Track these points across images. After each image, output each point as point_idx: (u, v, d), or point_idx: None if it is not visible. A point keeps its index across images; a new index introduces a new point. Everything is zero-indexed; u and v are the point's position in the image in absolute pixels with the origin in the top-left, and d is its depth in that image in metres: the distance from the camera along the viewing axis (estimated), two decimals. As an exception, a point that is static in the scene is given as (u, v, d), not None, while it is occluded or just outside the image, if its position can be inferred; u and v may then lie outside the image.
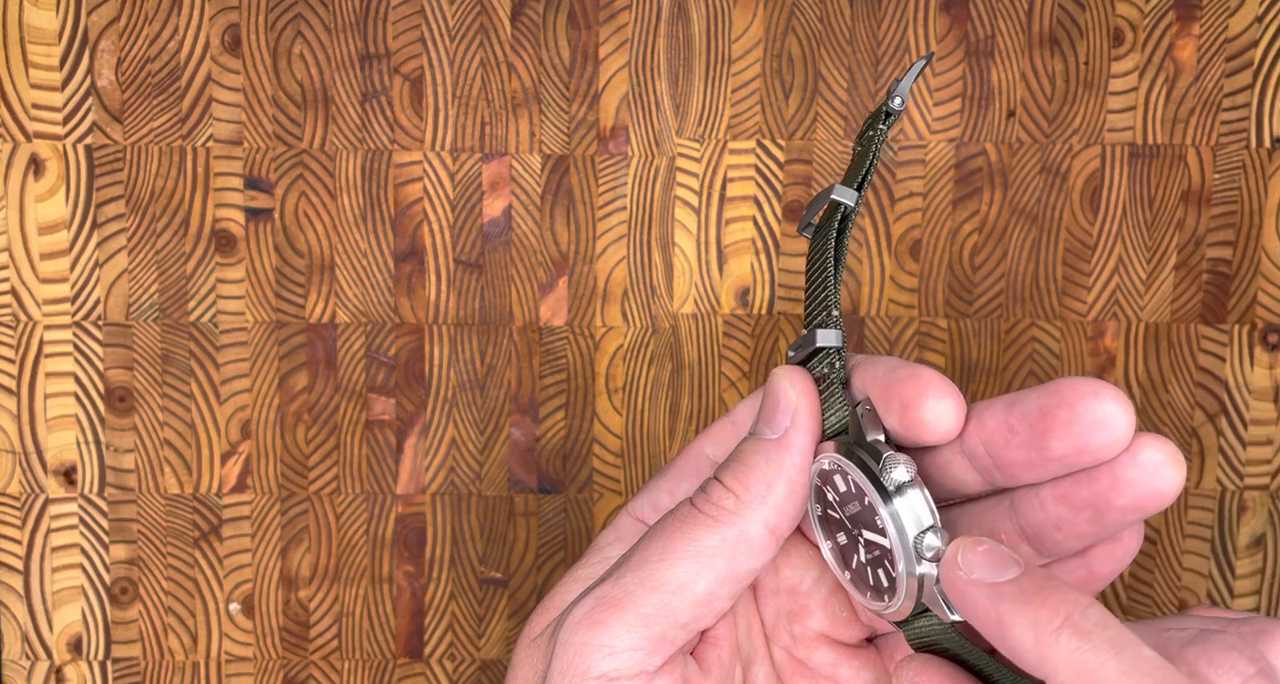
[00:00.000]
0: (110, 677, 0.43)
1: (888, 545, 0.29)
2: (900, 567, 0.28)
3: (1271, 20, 0.41)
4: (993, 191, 0.42)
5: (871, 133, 0.30)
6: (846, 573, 0.31)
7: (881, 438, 0.29)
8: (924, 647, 0.30)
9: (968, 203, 0.42)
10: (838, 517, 0.31)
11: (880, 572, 0.30)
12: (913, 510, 0.28)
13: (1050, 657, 0.26)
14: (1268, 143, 0.42)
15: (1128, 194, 0.42)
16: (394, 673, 0.44)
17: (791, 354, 0.30)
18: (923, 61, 0.30)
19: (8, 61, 0.40)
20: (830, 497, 0.30)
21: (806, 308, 0.30)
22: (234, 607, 0.43)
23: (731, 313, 0.42)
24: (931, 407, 0.27)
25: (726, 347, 0.42)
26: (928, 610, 0.29)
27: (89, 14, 0.40)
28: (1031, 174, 0.42)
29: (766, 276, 0.42)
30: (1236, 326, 0.43)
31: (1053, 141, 0.42)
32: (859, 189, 0.30)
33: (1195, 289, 0.43)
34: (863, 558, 0.30)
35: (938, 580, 0.28)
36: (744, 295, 0.42)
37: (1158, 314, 0.43)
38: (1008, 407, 0.27)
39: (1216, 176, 0.42)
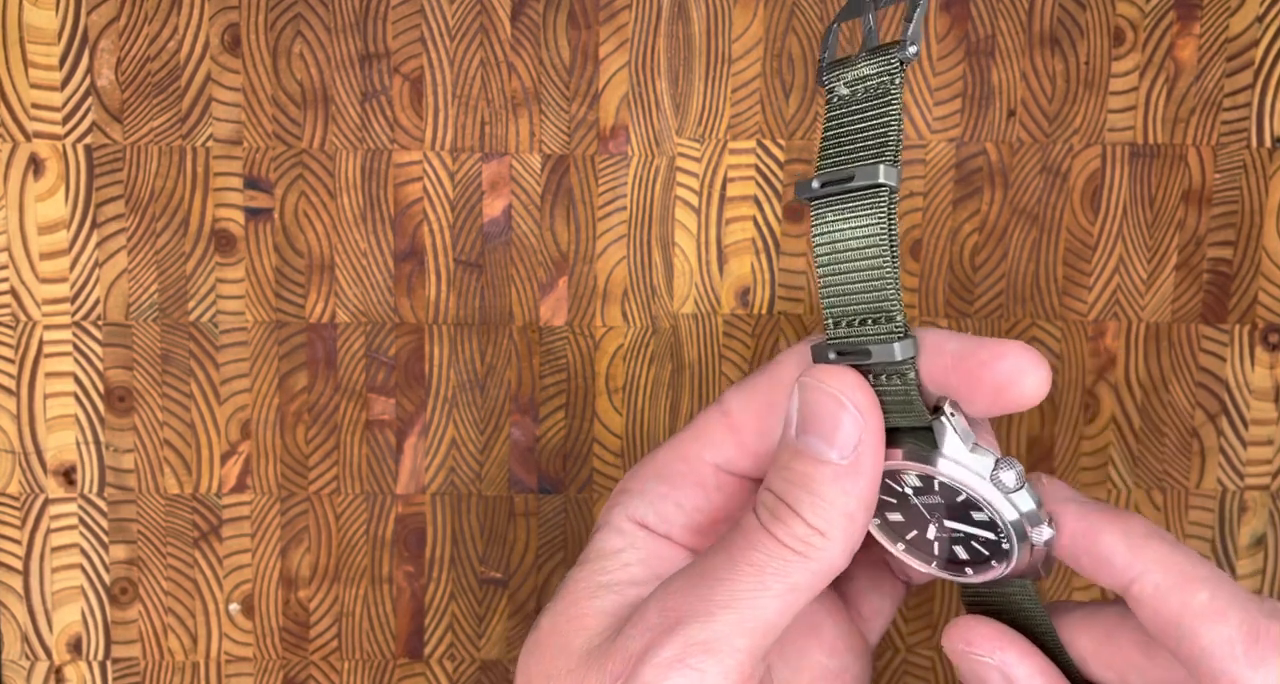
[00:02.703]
0: (110, 677, 0.43)
1: (994, 537, 0.29)
2: (1015, 556, 0.29)
3: (1272, 20, 0.41)
4: (993, 191, 0.42)
5: (891, 90, 0.27)
6: (900, 544, 0.31)
7: (972, 443, 0.28)
8: (976, 603, 0.31)
9: (968, 203, 0.42)
10: (903, 517, 0.30)
11: (963, 549, 0.30)
12: (1022, 507, 0.28)
13: (1141, 557, 0.27)
14: (1268, 142, 0.42)
15: (1128, 194, 0.42)
16: (394, 673, 0.44)
17: (833, 356, 0.28)
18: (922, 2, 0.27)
19: (7, 61, 0.40)
20: (895, 487, 0.30)
21: (835, 308, 0.28)
22: (234, 607, 0.43)
23: (732, 313, 0.42)
24: (1030, 383, 0.27)
25: (727, 346, 0.42)
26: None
27: (89, 14, 0.40)
28: (1032, 174, 0.42)
29: (767, 276, 0.42)
30: (1237, 326, 0.43)
31: (1053, 141, 0.42)
32: (895, 162, 0.27)
33: (1196, 289, 0.43)
34: (934, 534, 0.30)
35: (1045, 557, 0.29)
36: (744, 295, 0.42)
37: (1158, 314, 0.43)
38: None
39: (1217, 176, 0.42)
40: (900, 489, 0.29)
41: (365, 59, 0.41)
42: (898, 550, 0.31)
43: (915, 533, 0.30)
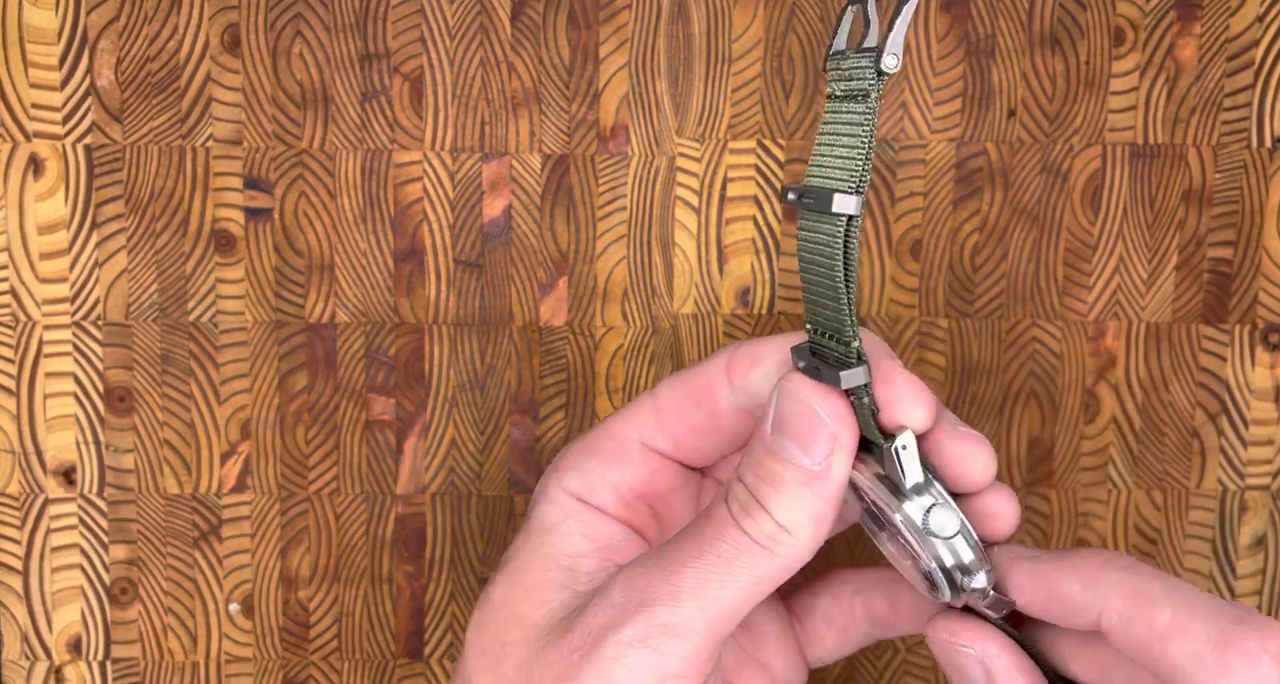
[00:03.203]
0: (110, 677, 0.43)
1: (934, 569, 0.29)
2: (946, 594, 0.29)
3: (1272, 20, 0.41)
4: (993, 191, 0.42)
5: (865, 111, 0.26)
6: (884, 533, 0.31)
7: (921, 479, 0.29)
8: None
9: (968, 202, 0.42)
10: (875, 514, 0.31)
11: (920, 574, 0.30)
12: (956, 552, 0.29)
13: (1099, 592, 0.28)
14: (1269, 142, 0.42)
15: (1128, 194, 0.42)
16: (394, 673, 0.44)
17: (801, 365, 0.29)
18: (912, 1, 0.26)
19: (7, 61, 0.40)
20: (865, 500, 0.30)
21: (809, 314, 0.29)
22: (234, 607, 0.43)
23: (732, 313, 0.42)
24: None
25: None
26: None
27: (88, 13, 0.40)
28: (1032, 174, 0.42)
29: (767, 276, 0.42)
30: (1237, 326, 0.43)
31: (1053, 141, 0.42)
32: (859, 192, 0.27)
33: (1196, 289, 0.43)
34: (906, 556, 0.30)
35: (994, 601, 0.30)
36: (744, 295, 0.42)
37: (1159, 314, 0.43)
38: None
39: (1217, 176, 0.42)
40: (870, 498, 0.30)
41: (365, 59, 0.41)
42: (880, 544, 0.32)
43: (888, 535, 0.31)
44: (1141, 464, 0.43)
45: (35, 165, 0.41)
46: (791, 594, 0.36)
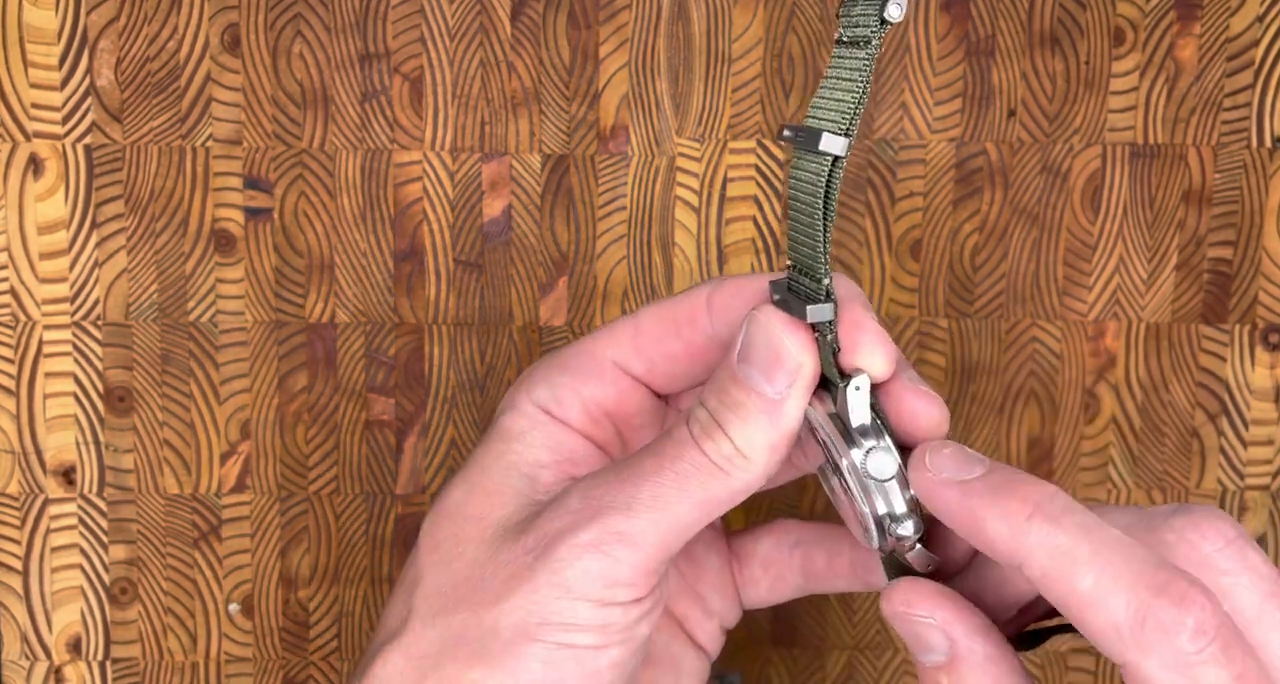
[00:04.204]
0: (110, 677, 0.43)
1: (865, 512, 0.30)
2: (874, 539, 0.29)
3: (1272, 20, 0.41)
4: (993, 191, 0.42)
5: (865, 57, 0.27)
6: (844, 510, 0.32)
7: (868, 421, 0.29)
8: (890, 565, 0.31)
9: (968, 203, 0.42)
10: (828, 460, 0.31)
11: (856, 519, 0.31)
12: (889, 497, 0.29)
13: (1024, 544, 0.27)
14: (1268, 142, 0.42)
15: (1128, 194, 0.42)
16: (394, 673, 0.44)
17: (776, 298, 0.30)
18: None
19: (7, 61, 0.40)
20: (816, 438, 0.31)
21: (790, 251, 0.30)
22: (234, 607, 0.43)
23: (732, 313, 0.42)
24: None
25: (727, 346, 0.42)
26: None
27: (88, 13, 0.40)
28: (1032, 174, 0.42)
29: (767, 276, 0.42)
30: (1237, 326, 0.43)
31: (1053, 141, 0.42)
32: (848, 134, 0.28)
33: (1196, 289, 0.43)
34: (847, 501, 0.31)
35: (921, 555, 0.30)
36: (744, 295, 0.42)
37: (1158, 314, 0.43)
38: None
39: (1217, 176, 0.42)
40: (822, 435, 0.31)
41: (365, 59, 0.41)
42: (827, 488, 0.32)
43: (836, 479, 0.31)
44: (1141, 464, 0.43)
45: (35, 165, 0.40)
46: (735, 535, 0.37)
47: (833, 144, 0.27)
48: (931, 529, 0.30)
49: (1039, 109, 0.42)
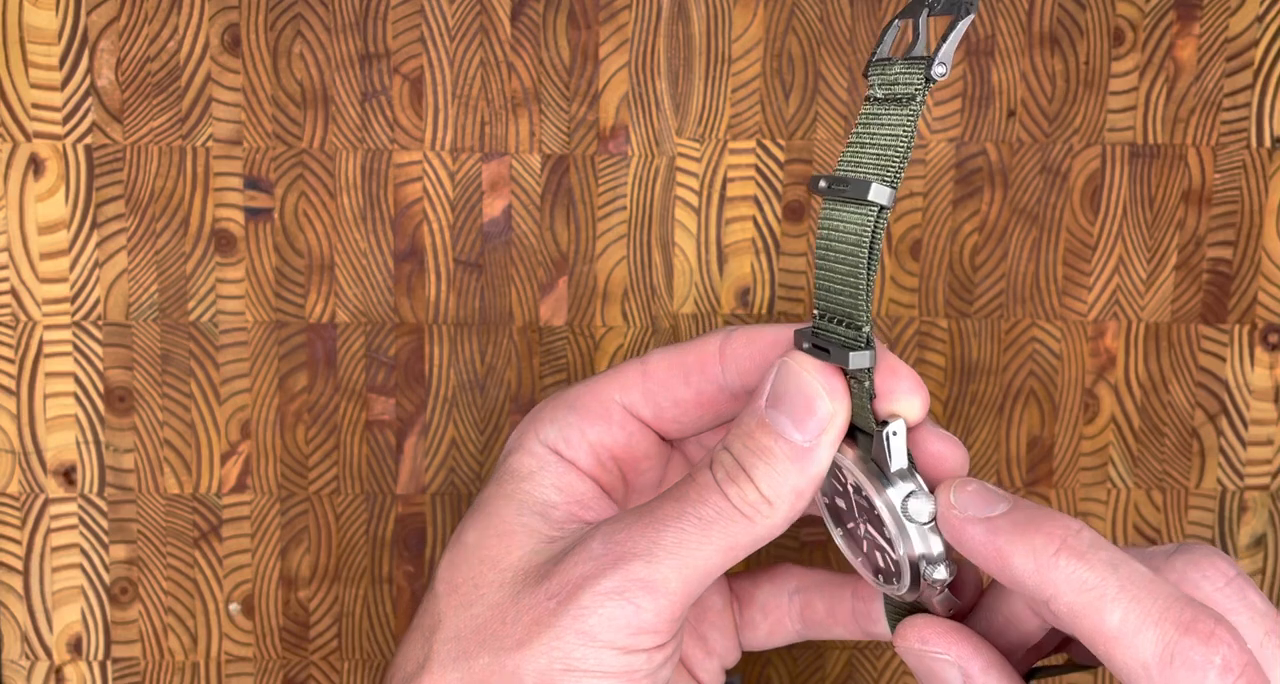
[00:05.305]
0: (110, 677, 0.43)
1: (895, 558, 0.30)
2: (905, 582, 0.29)
3: (1272, 20, 0.41)
4: (993, 191, 0.42)
5: (913, 105, 0.28)
6: (840, 531, 0.32)
7: (906, 465, 0.29)
8: (893, 612, 0.32)
9: (968, 203, 0.42)
10: (845, 506, 0.31)
11: (881, 557, 0.31)
12: (927, 540, 0.29)
13: (1051, 580, 0.27)
14: (1268, 142, 0.42)
15: (1128, 194, 0.42)
16: (394, 673, 0.44)
17: (805, 346, 0.30)
18: (967, 17, 0.28)
19: (7, 61, 0.40)
20: (838, 487, 0.31)
21: (820, 300, 0.30)
22: (234, 607, 0.43)
23: (732, 313, 0.42)
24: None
25: (726, 346, 0.42)
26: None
27: (89, 14, 0.40)
28: (1032, 174, 0.42)
29: (767, 276, 0.42)
30: (1237, 326, 0.43)
31: (1053, 141, 0.42)
32: (894, 185, 0.28)
33: (1196, 289, 0.43)
34: (863, 533, 0.31)
35: (946, 599, 0.30)
36: (744, 295, 0.42)
37: (1158, 314, 0.43)
38: None
39: (1217, 176, 0.42)
40: (844, 481, 0.31)
41: (365, 59, 0.41)
42: (837, 536, 0.32)
43: (852, 525, 0.31)
44: (1141, 464, 0.43)
45: (35, 165, 0.41)
46: (736, 578, 0.37)
47: (881, 194, 0.28)
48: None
49: (1039, 109, 0.42)
